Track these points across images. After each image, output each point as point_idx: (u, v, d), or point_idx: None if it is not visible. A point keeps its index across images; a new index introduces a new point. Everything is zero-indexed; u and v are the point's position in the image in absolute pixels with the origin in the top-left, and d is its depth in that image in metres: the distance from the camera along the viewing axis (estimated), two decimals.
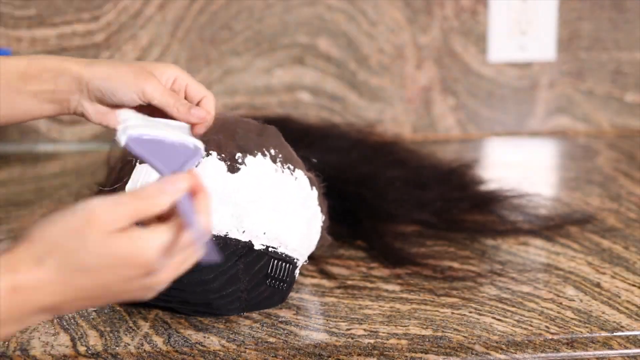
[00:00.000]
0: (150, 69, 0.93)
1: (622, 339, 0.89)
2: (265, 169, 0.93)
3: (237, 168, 0.91)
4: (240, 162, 0.92)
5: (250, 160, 0.92)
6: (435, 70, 1.60)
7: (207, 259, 0.70)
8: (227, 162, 0.91)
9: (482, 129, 1.63)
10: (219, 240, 0.89)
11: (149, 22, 1.54)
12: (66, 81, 0.91)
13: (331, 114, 1.59)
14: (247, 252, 0.91)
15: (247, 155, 0.92)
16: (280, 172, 0.94)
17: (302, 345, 0.87)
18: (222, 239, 0.89)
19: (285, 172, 0.94)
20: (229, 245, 0.90)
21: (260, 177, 0.92)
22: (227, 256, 0.90)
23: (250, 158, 0.92)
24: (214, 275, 0.89)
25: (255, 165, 0.92)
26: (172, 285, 0.87)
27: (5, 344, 0.87)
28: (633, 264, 1.05)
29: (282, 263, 0.93)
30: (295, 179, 0.95)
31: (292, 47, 1.57)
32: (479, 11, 1.59)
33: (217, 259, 0.70)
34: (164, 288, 0.88)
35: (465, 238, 1.13)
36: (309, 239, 0.97)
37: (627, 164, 1.45)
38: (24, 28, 1.53)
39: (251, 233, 0.91)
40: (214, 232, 0.89)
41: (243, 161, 0.92)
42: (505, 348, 0.88)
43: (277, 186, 0.93)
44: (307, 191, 0.97)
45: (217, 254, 0.70)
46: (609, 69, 1.63)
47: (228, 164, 0.91)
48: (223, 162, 0.91)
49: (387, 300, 0.96)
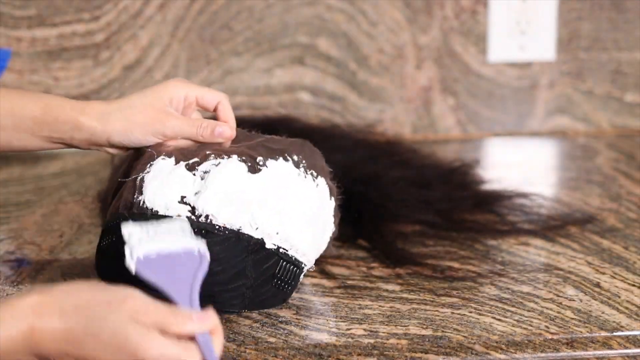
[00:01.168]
0: (160, 98, 0.95)
1: (621, 338, 0.89)
2: (287, 172, 0.94)
3: (258, 169, 0.92)
4: (262, 164, 0.93)
5: (271, 163, 0.93)
6: (435, 70, 1.60)
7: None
8: (248, 163, 0.92)
9: (482, 129, 1.63)
10: (231, 233, 0.89)
11: (149, 22, 1.54)
12: (83, 136, 0.95)
13: (331, 114, 1.59)
14: (258, 249, 0.91)
15: (268, 159, 0.93)
16: (303, 177, 0.95)
17: (302, 345, 0.87)
18: (235, 233, 0.90)
19: (307, 177, 0.95)
20: (240, 240, 0.90)
21: (280, 179, 0.93)
22: (238, 251, 0.90)
23: (271, 161, 0.93)
24: (222, 268, 0.89)
25: (276, 167, 0.93)
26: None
27: None
28: (633, 264, 1.05)
29: (290, 266, 0.93)
30: (317, 186, 0.96)
31: (292, 47, 1.57)
32: (479, 11, 1.59)
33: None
34: None
35: (466, 238, 1.13)
36: (319, 246, 0.98)
37: (626, 164, 1.45)
38: (24, 28, 1.53)
39: (264, 231, 0.91)
40: (227, 225, 0.90)
41: (264, 163, 0.93)
42: (505, 348, 0.88)
43: (296, 189, 0.94)
44: (325, 200, 0.97)
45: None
46: (609, 69, 1.63)
47: (249, 165, 0.92)
48: (244, 164, 0.92)
49: (387, 300, 0.96)
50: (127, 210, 0.91)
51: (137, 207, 0.90)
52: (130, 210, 0.91)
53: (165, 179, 0.91)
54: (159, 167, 0.92)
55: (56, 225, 1.19)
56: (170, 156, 0.93)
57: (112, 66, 1.56)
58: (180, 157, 0.93)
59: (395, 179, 1.22)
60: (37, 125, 0.94)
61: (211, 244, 0.87)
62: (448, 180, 1.26)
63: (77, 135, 0.94)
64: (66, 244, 1.12)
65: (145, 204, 0.90)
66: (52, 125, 0.94)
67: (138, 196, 0.91)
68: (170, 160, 0.93)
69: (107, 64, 1.56)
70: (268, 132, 1.04)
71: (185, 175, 0.91)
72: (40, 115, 0.94)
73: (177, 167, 0.92)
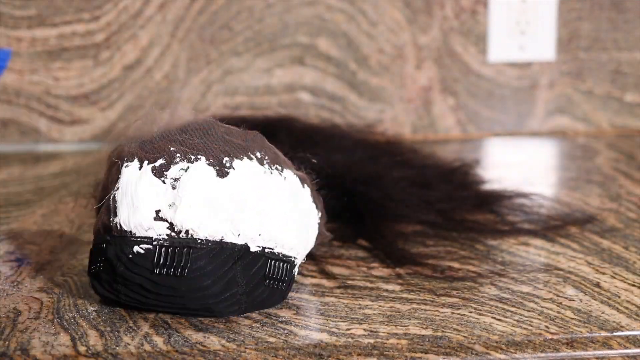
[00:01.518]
0: None
1: (621, 338, 0.89)
2: (254, 171, 0.92)
3: (226, 172, 0.91)
4: (229, 166, 0.91)
5: (238, 163, 0.92)
6: (435, 70, 1.60)
7: None
8: (215, 167, 0.90)
9: (482, 129, 1.63)
10: (214, 244, 0.89)
11: (149, 22, 1.54)
12: None
13: (331, 114, 1.59)
14: (244, 254, 0.90)
15: (234, 159, 0.92)
16: (269, 174, 0.93)
17: (302, 345, 0.88)
18: (218, 244, 0.89)
19: (274, 172, 0.94)
20: (224, 250, 0.89)
21: (249, 180, 0.92)
22: (224, 260, 0.89)
23: (237, 162, 0.92)
24: (212, 281, 0.89)
25: (243, 168, 0.92)
26: (170, 293, 0.88)
27: (5, 344, 0.87)
28: (633, 264, 1.05)
29: (279, 263, 0.93)
30: (285, 179, 0.95)
31: (292, 47, 1.57)
32: (479, 11, 1.59)
33: None
34: (163, 296, 0.88)
35: (466, 238, 1.13)
36: (306, 236, 0.97)
37: (626, 164, 1.45)
38: (24, 28, 1.53)
39: (246, 235, 0.90)
40: (209, 237, 0.89)
41: (231, 165, 0.91)
42: (505, 348, 0.88)
43: (267, 187, 0.93)
44: (297, 190, 0.96)
45: None
46: (609, 69, 1.63)
47: (217, 169, 0.90)
48: (212, 167, 0.90)
49: (387, 300, 0.96)
50: (108, 234, 0.90)
51: (115, 229, 0.89)
52: (110, 234, 0.90)
53: (134, 194, 0.89)
54: (126, 178, 0.90)
55: (56, 225, 1.19)
56: (133, 158, 0.91)
57: (112, 66, 1.56)
58: (143, 155, 0.91)
59: (395, 179, 1.22)
60: None
61: (196, 258, 0.87)
62: (448, 180, 1.26)
63: None
64: (66, 244, 1.12)
65: (122, 227, 0.89)
66: None
67: (113, 218, 0.89)
68: (134, 164, 0.91)
69: (107, 64, 1.56)
70: (268, 132, 1.04)
71: (155, 184, 0.89)
72: None
73: (143, 173, 0.90)
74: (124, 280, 0.89)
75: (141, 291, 0.89)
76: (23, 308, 0.94)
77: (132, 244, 0.88)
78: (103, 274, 0.90)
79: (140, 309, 0.92)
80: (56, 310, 0.93)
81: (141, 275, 0.88)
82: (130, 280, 0.89)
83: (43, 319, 0.92)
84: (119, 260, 0.88)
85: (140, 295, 0.89)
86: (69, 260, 1.07)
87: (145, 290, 0.89)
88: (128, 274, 0.88)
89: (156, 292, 0.89)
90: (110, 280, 0.90)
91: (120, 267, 0.88)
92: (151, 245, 0.88)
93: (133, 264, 0.88)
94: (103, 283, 0.91)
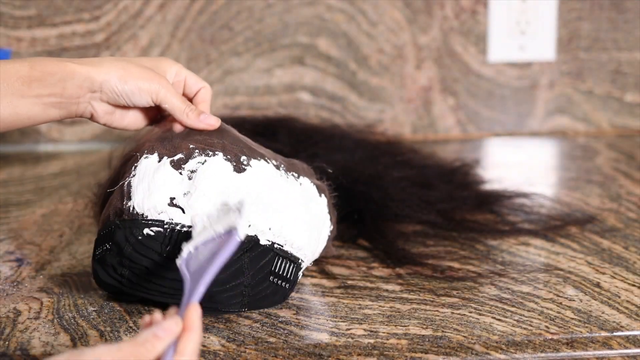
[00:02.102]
0: (156, 67, 0.94)
1: (621, 338, 0.89)
2: (270, 172, 0.94)
3: (243, 169, 0.92)
4: (246, 163, 0.92)
5: (255, 162, 0.93)
6: (435, 70, 1.60)
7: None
8: (232, 162, 0.92)
9: (482, 129, 1.63)
10: None
11: (149, 22, 1.54)
12: (75, 84, 0.91)
13: (331, 114, 1.59)
14: (253, 246, 0.91)
15: (251, 159, 0.93)
16: (285, 178, 0.95)
17: (302, 345, 0.88)
18: None
19: (289, 178, 0.95)
20: None
21: (265, 178, 0.93)
22: None
23: (254, 161, 0.93)
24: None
25: (260, 167, 0.93)
26: (175, 277, 0.88)
27: (5, 344, 0.87)
28: (633, 264, 1.05)
29: (286, 261, 0.93)
30: (300, 185, 0.96)
31: (292, 47, 1.57)
32: (479, 11, 1.59)
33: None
34: (168, 280, 0.88)
35: (466, 238, 1.13)
36: (316, 242, 0.97)
37: (626, 164, 1.45)
38: (24, 28, 1.53)
39: (257, 227, 0.91)
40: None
41: (248, 163, 0.93)
42: (505, 348, 0.88)
43: (281, 187, 0.94)
44: (313, 196, 0.98)
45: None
46: (609, 69, 1.63)
47: (234, 164, 0.92)
48: (229, 163, 0.92)
49: (387, 300, 0.96)
50: (118, 218, 0.91)
51: (127, 213, 0.90)
52: (121, 217, 0.90)
53: (151, 181, 0.90)
54: (144, 167, 0.92)
55: (56, 225, 1.19)
56: (153, 152, 0.92)
57: None
58: (163, 151, 0.92)
59: (395, 179, 1.22)
60: (25, 84, 0.90)
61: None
62: (448, 180, 1.26)
63: (69, 84, 0.91)
64: (66, 244, 1.12)
65: (135, 210, 0.90)
66: (41, 79, 0.90)
67: (127, 202, 0.90)
68: (153, 157, 0.92)
69: None
70: (268, 132, 1.04)
71: (172, 174, 0.91)
72: (27, 72, 0.90)
73: (161, 165, 0.91)
74: (130, 262, 0.89)
75: (146, 275, 0.89)
76: (23, 308, 0.94)
77: (143, 227, 0.89)
78: (109, 257, 0.90)
79: (140, 297, 0.92)
80: (56, 310, 0.93)
81: (148, 257, 0.89)
82: (137, 263, 0.89)
83: (43, 319, 0.92)
84: (128, 241, 0.89)
85: (144, 280, 0.89)
86: (69, 260, 1.07)
87: (150, 274, 0.89)
88: (135, 255, 0.89)
89: (161, 276, 0.89)
90: (116, 265, 0.90)
91: (128, 249, 0.89)
92: (162, 228, 0.89)
93: (142, 246, 0.89)
94: (107, 268, 0.91)
